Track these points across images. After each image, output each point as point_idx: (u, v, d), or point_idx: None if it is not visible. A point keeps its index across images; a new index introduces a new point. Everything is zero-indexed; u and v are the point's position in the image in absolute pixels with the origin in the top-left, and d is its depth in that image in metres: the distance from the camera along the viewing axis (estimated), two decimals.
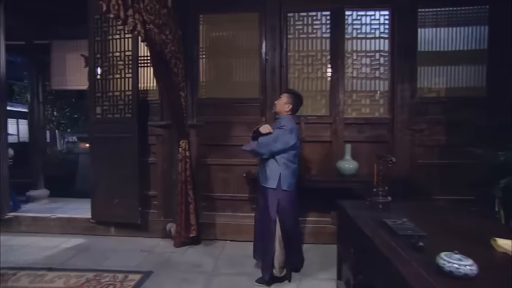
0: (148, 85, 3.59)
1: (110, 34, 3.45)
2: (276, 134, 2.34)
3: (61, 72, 5.11)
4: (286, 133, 2.34)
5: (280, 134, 2.33)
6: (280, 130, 2.36)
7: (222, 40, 3.57)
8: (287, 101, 2.47)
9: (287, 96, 2.51)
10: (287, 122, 2.40)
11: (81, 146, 6.25)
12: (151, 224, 3.57)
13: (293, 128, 2.38)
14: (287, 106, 2.46)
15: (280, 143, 2.32)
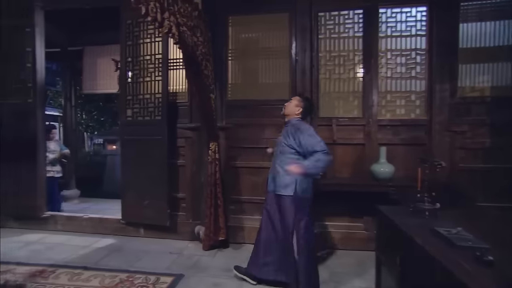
0: (178, 87, 3.62)
1: (141, 38, 3.51)
2: (315, 139, 2.22)
3: (92, 76, 5.31)
4: (315, 132, 2.27)
5: (316, 136, 2.25)
6: (310, 131, 2.26)
7: (251, 41, 3.55)
8: (298, 104, 2.40)
9: (298, 99, 2.44)
10: (304, 125, 2.33)
11: (109, 148, 6.44)
12: (180, 226, 3.59)
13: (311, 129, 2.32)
14: (297, 109, 2.39)
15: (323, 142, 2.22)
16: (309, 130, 2.27)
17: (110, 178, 6.29)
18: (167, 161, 3.44)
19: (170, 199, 3.53)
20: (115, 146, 6.44)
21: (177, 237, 3.57)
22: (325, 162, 2.18)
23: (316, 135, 2.25)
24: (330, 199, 3.21)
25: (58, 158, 4.65)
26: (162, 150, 3.42)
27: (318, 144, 2.18)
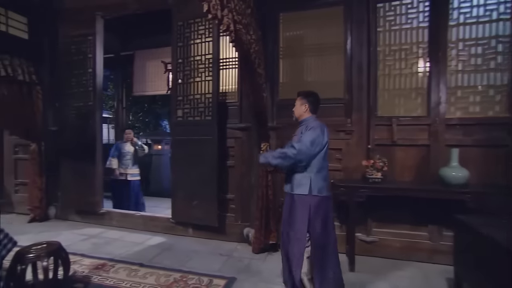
0: (228, 87, 3.60)
1: (191, 39, 3.55)
2: (311, 137, 2.10)
3: (142, 79, 5.54)
4: (317, 132, 2.13)
5: (315, 136, 2.11)
6: (311, 131, 2.14)
7: (302, 38, 3.42)
8: (301, 103, 2.32)
9: (299, 99, 2.36)
10: (314, 122, 2.22)
11: (154, 148, 6.66)
12: (228, 228, 3.56)
13: (322, 126, 2.19)
14: (304, 107, 2.30)
15: (317, 144, 2.11)
16: (315, 128, 2.14)
17: (155, 177, 6.51)
18: (217, 161, 3.43)
19: (220, 200, 3.51)
20: (160, 146, 6.66)
21: (225, 238, 3.54)
22: (290, 157, 2.09)
23: (319, 138, 2.11)
24: (388, 204, 2.98)
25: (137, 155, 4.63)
26: (212, 150, 3.41)
27: (310, 145, 2.09)
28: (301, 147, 2.08)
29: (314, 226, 2.13)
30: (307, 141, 2.08)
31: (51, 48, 4.33)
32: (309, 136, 2.10)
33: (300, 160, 2.10)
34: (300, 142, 2.10)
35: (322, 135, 2.13)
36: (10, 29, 3.92)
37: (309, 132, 2.12)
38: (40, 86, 4.25)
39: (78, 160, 4.18)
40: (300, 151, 2.07)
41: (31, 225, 4.19)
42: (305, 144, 2.08)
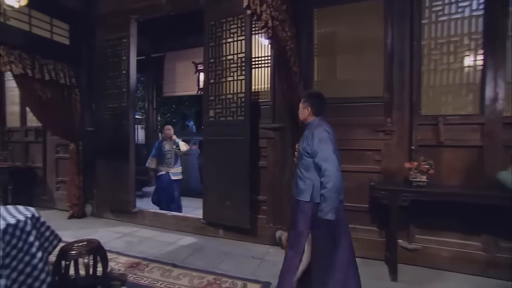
0: (260, 87, 3.52)
1: (223, 38, 3.51)
2: (329, 149, 1.93)
3: (171, 80, 5.62)
4: (329, 141, 1.97)
5: (330, 146, 1.95)
6: (323, 144, 1.96)
7: (338, 34, 3.26)
8: (304, 106, 2.19)
9: (301, 102, 2.24)
10: (317, 128, 2.04)
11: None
12: (260, 230, 3.48)
13: (327, 132, 2.00)
14: (306, 110, 2.18)
15: (335, 153, 1.95)
16: (325, 140, 1.97)
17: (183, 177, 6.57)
18: (249, 162, 3.36)
19: (251, 201, 3.45)
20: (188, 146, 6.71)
21: (257, 241, 3.47)
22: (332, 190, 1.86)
23: (328, 145, 1.95)
24: (433, 210, 2.77)
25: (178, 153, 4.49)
26: (244, 150, 3.35)
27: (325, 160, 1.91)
28: (335, 164, 1.91)
29: (315, 234, 2.03)
30: (332, 156, 1.92)
31: (88, 52, 4.50)
32: (328, 149, 1.94)
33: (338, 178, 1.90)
34: (327, 160, 1.91)
35: (331, 141, 1.98)
36: (54, 36, 4.13)
37: (323, 145, 1.95)
38: (78, 89, 4.43)
39: (112, 159, 4.30)
40: (336, 167, 1.91)
41: (70, 221, 4.37)
42: (333, 159, 1.91)
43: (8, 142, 5.47)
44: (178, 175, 4.60)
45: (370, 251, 3.03)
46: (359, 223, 3.13)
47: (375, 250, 3.01)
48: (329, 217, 1.87)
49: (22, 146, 5.31)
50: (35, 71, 3.81)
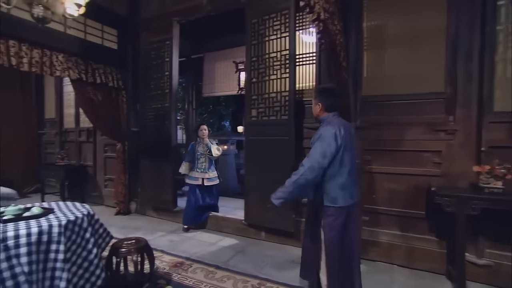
0: (304, 84, 3.37)
1: (266, 35, 3.42)
2: (321, 148, 1.85)
3: (211, 80, 5.67)
4: (327, 140, 1.86)
5: (324, 146, 1.85)
6: (319, 141, 1.89)
7: (390, 27, 3.00)
8: (315, 102, 2.10)
9: (314, 97, 2.14)
10: (326, 126, 1.95)
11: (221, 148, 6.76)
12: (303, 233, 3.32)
13: (334, 130, 1.88)
14: (318, 107, 2.07)
15: (330, 154, 1.85)
16: (323, 138, 1.88)
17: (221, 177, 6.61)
18: (293, 163, 3.22)
19: (295, 203, 3.31)
20: (226, 146, 6.76)
21: (299, 245, 3.30)
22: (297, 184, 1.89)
23: (322, 145, 1.86)
24: (510, 221, 2.40)
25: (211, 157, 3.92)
26: (288, 151, 3.23)
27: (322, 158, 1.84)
28: (311, 164, 1.85)
29: (327, 240, 1.95)
30: (317, 155, 1.85)
31: (133, 55, 4.68)
32: (318, 148, 1.86)
33: (314, 178, 1.86)
34: (309, 157, 1.88)
35: (334, 140, 1.85)
36: (105, 41, 4.36)
37: (317, 143, 1.89)
38: (124, 91, 4.63)
39: (154, 159, 4.42)
40: (311, 168, 1.84)
41: (117, 218, 4.57)
42: (315, 159, 1.84)
43: (65, 142, 5.92)
44: (214, 180, 4.05)
45: (427, 263, 2.75)
46: (413, 231, 2.85)
47: (433, 262, 2.73)
48: (274, 202, 1.99)
49: (76, 145, 5.71)
50: (88, 75, 4.04)
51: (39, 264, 1.69)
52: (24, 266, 1.63)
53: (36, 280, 1.67)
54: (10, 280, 1.59)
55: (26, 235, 1.66)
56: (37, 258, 1.68)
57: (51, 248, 1.74)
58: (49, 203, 2.33)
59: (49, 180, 5.70)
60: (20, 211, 1.96)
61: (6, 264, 1.59)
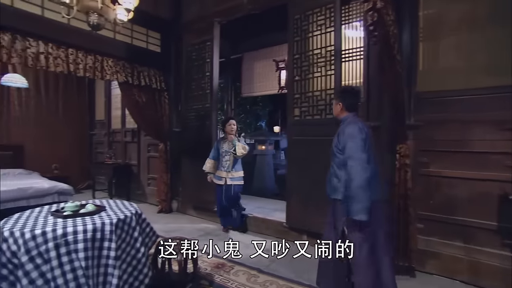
0: (350, 82, 3.18)
1: (310, 31, 3.29)
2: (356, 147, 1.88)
3: (250, 80, 5.65)
4: (359, 137, 1.90)
5: (359, 142, 1.89)
6: (351, 142, 1.91)
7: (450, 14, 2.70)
8: (336, 102, 2.20)
9: (335, 98, 2.31)
10: (349, 125, 2.01)
11: (259, 148, 6.73)
12: None
13: (357, 126, 1.96)
14: (338, 106, 2.16)
15: (365, 150, 1.88)
16: (353, 136, 1.91)
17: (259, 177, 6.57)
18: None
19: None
20: (264, 146, 6.70)
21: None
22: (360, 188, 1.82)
23: (357, 142, 1.89)
24: None
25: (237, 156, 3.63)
26: None
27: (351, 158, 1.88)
28: (360, 164, 1.84)
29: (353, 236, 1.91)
30: (358, 153, 1.86)
31: (176, 57, 4.81)
32: (354, 146, 1.89)
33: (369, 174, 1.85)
34: (353, 159, 1.87)
35: (362, 134, 1.92)
36: (149, 45, 4.53)
37: (350, 143, 1.91)
38: (167, 92, 4.77)
39: (195, 159, 4.48)
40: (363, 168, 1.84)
41: (159, 216, 4.72)
42: (360, 158, 1.85)
43: (113, 142, 6.31)
44: (238, 180, 3.76)
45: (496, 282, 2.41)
46: (481, 244, 2.52)
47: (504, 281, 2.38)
48: (360, 218, 1.82)
49: (122, 145, 6.03)
50: (134, 78, 4.23)
51: (94, 260, 1.74)
52: (81, 261, 1.69)
53: (91, 275, 1.73)
54: (70, 273, 1.66)
55: (83, 231, 1.72)
56: (92, 254, 1.73)
57: (104, 245, 1.79)
58: (100, 201, 2.43)
59: (99, 177, 6.09)
60: (77, 207, 2.05)
61: (67, 258, 1.67)
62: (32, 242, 1.63)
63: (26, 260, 1.61)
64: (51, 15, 3.33)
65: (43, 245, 1.64)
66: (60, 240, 1.66)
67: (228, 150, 3.74)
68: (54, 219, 1.90)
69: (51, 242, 1.64)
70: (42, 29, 3.27)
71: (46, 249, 1.64)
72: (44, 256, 1.63)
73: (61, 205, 2.16)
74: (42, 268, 1.63)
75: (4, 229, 1.72)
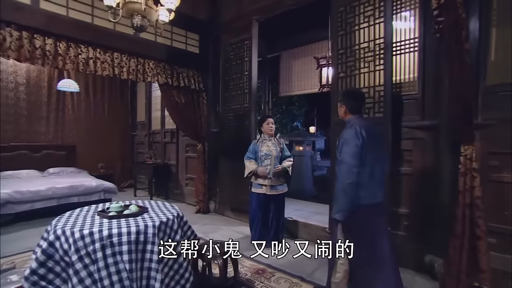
0: (401, 77, 2.88)
1: (356, 24, 3.05)
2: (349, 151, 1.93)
3: (287, 79, 5.49)
4: (353, 142, 1.94)
5: (352, 147, 1.93)
6: (345, 145, 1.97)
7: None
8: (339, 105, 2.22)
9: (338, 100, 2.29)
10: (347, 129, 2.06)
11: (296, 149, 6.55)
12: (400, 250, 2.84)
13: (355, 130, 1.97)
14: (342, 109, 2.19)
15: (357, 156, 1.91)
16: (347, 141, 1.96)
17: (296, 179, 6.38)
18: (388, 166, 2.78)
19: (390, 214, 2.86)
20: (301, 147, 6.50)
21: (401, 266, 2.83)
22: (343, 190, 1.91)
23: (350, 147, 1.93)
24: None
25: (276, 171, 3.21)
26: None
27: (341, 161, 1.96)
28: (347, 168, 1.90)
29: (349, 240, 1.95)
30: (348, 158, 1.92)
31: (213, 58, 4.81)
32: (347, 151, 1.94)
33: (354, 180, 1.89)
34: (342, 162, 1.95)
35: (357, 140, 1.93)
36: (188, 46, 4.59)
37: (344, 147, 1.96)
38: (205, 93, 4.79)
39: (233, 160, 4.43)
40: (349, 172, 1.89)
41: (197, 216, 4.74)
42: (348, 163, 1.91)
43: (153, 142, 6.53)
44: (282, 188, 3.30)
45: None
46: None
47: None
48: (336, 217, 1.93)
49: (161, 146, 6.21)
50: (173, 80, 4.30)
51: (137, 263, 1.72)
52: (126, 264, 1.67)
53: (135, 278, 1.71)
54: (116, 275, 1.65)
55: (127, 233, 1.71)
56: (136, 256, 1.71)
57: (147, 248, 1.76)
58: (143, 202, 2.44)
59: (139, 176, 6.33)
60: (121, 208, 2.07)
61: (112, 260, 1.66)
62: (81, 242, 1.65)
63: (76, 259, 1.63)
64: (99, 22, 3.51)
65: (91, 245, 1.65)
66: (106, 241, 1.66)
67: (268, 152, 3.31)
68: (100, 219, 1.92)
69: (98, 243, 1.65)
70: (92, 35, 3.44)
71: (94, 250, 1.64)
72: (91, 256, 1.64)
73: (106, 205, 2.19)
74: (90, 268, 1.64)
75: (57, 227, 1.76)
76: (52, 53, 3.14)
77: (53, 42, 3.17)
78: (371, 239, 2.00)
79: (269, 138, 3.41)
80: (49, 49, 3.13)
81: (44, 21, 3.09)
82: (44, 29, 3.09)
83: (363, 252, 1.95)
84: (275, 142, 3.41)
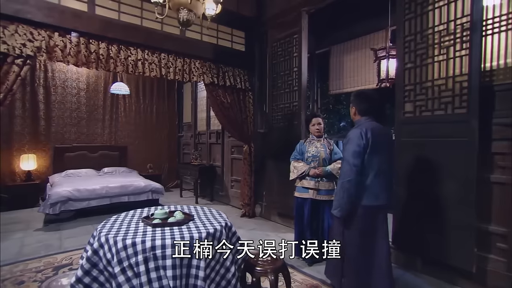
0: (494, 63, 2.33)
1: (429, 3, 2.57)
2: (351, 149, 1.98)
3: (338, 75, 5.06)
4: (354, 141, 1.98)
5: (354, 146, 1.97)
6: (348, 144, 2.02)
7: None
8: (351, 106, 2.21)
9: (350, 100, 2.23)
10: (356, 129, 2.06)
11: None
12: (491, 277, 2.31)
13: (360, 131, 1.98)
14: (353, 110, 2.19)
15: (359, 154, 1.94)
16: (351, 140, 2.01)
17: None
18: (475, 174, 2.28)
19: (478, 232, 2.34)
20: None
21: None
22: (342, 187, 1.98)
23: (351, 146, 1.98)
24: None
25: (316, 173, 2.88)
26: (467, 158, 2.30)
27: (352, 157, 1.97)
28: (348, 166, 1.97)
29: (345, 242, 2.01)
30: (349, 157, 1.97)
31: (260, 55, 4.60)
32: (349, 149, 1.99)
33: (355, 179, 1.94)
34: (344, 160, 2.05)
35: (361, 140, 1.95)
36: (234, 44, 4.45)
37: (347, 146, 2.03)
38: (251, 92, 4.60)
39: (281, 162, 4.14)
40: (349, 170, 1.96)
41: (242, 220, 4.56)
42: (349, 161, 1.96)
43: (198, 143, 6.56)
44: (329, 194, 2.86)
45: None
46: None
47: None
48: (335, 213, 2.05)
49: (207, 147, 6.19)
50: (219, 79, 4.18)
51: (182, 279, 1.55)
52: (169, 280, 1.51)
53: None
54: None
55: (171, 246, 1.54)
56: (180, 272, 1.54)
57: (192, 263, 1.57)
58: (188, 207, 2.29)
59: (185, 177, 6.39)
60: (166, 215, 1.93)
61: (155, 275, 1.51)
62: (123, 253, 1.52)
63: (118, 271, 1.51)
64: (147, 23, 3.53)
65: (133, 257, 1.51)
66: (149, 253, 1.51)
67: (316, 154, 2.98)
68: (144, 226, 1.80)
69: (141, 255, 1.51)
70: (141, 37, 3.48)
71: (136, 262, 1.50)
72: (134, 269, 1.51)
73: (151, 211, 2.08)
74: (132, 281, 1.51)
75: (101, 233, 1.67)
76: (104, 57, 3.23)
77: (106, 46, 3.25)
78: (369, 240, 2.03)
79: (317, 139, 3.09)
80: (102, 53, 3.21)
81: (98, 26, 3.19)
82: (99, 34, 3.19)
83: (358, 252, 2.03)
84: (325, 142, 3.07)
